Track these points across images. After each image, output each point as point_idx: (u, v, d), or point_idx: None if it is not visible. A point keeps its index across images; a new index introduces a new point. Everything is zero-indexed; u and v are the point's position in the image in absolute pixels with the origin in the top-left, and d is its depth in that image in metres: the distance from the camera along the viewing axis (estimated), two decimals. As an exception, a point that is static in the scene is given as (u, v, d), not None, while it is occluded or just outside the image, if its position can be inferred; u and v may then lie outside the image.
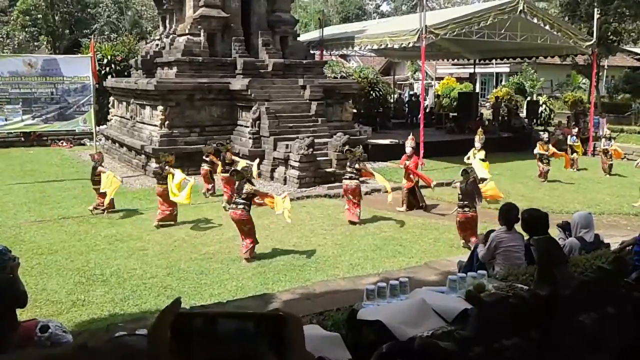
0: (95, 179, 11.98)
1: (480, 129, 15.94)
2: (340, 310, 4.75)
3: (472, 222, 9.51)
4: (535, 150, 16.39)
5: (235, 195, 9.42)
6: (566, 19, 25.43)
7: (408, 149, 12.98)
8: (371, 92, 25.85)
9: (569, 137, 19.17)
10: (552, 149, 16.61)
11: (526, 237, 5.64)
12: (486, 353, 1.27)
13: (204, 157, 13.85)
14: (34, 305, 7.03)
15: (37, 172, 16.86)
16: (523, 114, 28.69)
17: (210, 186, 13.76)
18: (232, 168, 11.23)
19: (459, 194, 9.72)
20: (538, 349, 1.34)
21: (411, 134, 14.58)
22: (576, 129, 19.63)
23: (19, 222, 11.36)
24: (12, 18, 37.91)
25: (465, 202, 9.44)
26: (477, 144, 14.77)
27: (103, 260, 9.10)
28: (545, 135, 17.20)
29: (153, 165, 15.32)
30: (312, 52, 21.88)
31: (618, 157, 17.31)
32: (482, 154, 14.63)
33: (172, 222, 11.15)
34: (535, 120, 27.93)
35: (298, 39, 20.80)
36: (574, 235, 6.30)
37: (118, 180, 11.93)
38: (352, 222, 11.38)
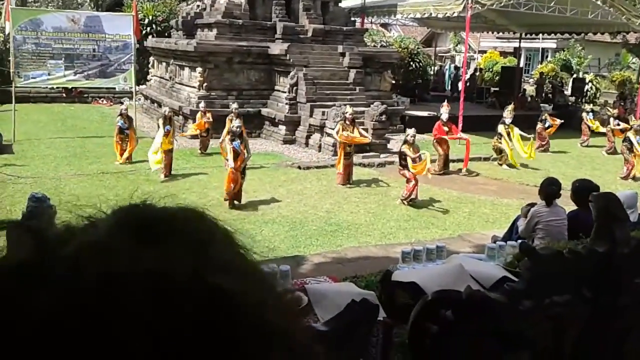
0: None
1: (512, 104, 15.70)
2: (373, 274, 4.72)
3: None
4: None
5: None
6: (620, -7, 24.31)
7: (445, 116, 13.45)
8: (411, 63, 25.40)
9: (584, 113, 18.69)
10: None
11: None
12: (536, 307, 1.21)
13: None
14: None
15: (78, 128, 17.20)
16: (568, 91, 27.84)
17: None
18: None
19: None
20: (591, 307, 1.28)
21: (445, 101, 14.68)
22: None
23: (59, 175, 11.63)
24: (57, -25, 38.27)
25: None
26: (508, 120, 14.44)
27: (139, 215, 9.26)
28: (549, 107, 17.02)
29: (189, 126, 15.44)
30: (353, 19, 21.51)
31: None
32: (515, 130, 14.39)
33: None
34: (580, 99, 27.08)
35: (339, 4, 20.46)
36: (618, 214, 6.11)
37: None
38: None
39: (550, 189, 5.86)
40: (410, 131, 10.84)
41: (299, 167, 13.20)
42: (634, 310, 1.26)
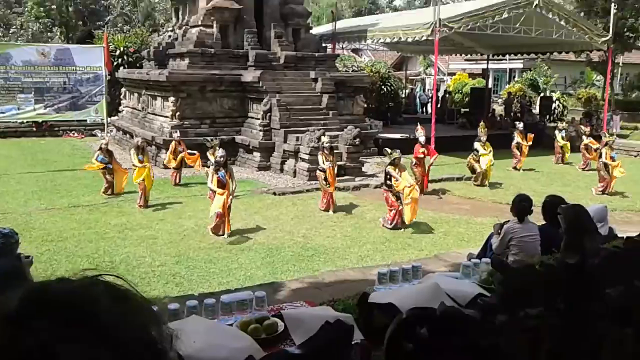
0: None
1: (482, 122, 16.02)
2: (350, 297, 4.68)
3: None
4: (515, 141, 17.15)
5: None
6: (582, 14, 25.12)
7: (422, 138, 13.46)
8: (382, 87, 25.72)
9: (556, 131, 19.31)
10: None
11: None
12: (510, 321, 1.21)
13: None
14: (43, 290, 7.03)
15: (49, 162, 16.91)
16: (536, 110, 28.45)
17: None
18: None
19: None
20: (563, 319, 1.28)
21: (418, 124, 14.84)
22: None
23: (29, 210, 11.39)
24: (26, 9, 38.08)
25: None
26: (483, 137, 14.71)
27: (112, 248, 9.10)
28: (521, 125, 17.91)
29: (163, 156, 15.30)
30: (324, 45, 21.78)
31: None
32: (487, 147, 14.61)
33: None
34: (548, 117, 27.68)
35: (310, 31, 20.71)
36: (589, 228, 6.21)
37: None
38: None
39: (521, 206, 5.94)
40: (396, 152, 10.77)
41: (274, 193, 13.16)
42: (606, 319, 1.26)
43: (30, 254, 8.22)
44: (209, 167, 12.92)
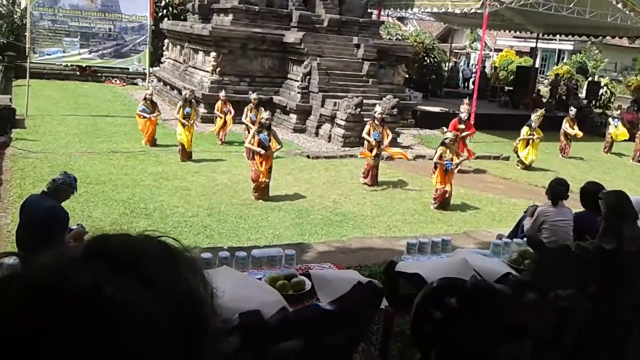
0: None
1: (541, 111, 15.14)
2: (376, 264, 4.73)
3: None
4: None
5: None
6: (641, -2, 24.00)
7: (464, 114, 13.05)
8: (426, 58, 25.25)
9: (610, 119, 18.68)
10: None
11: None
12: (540, 300, 1.22)
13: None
14: (79, 231, 7.27)
15: (90, 106, 17.26)
16: (582, 94, 27.62)
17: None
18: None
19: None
20: (593, 304, 1.28)
21: (467, 98, 14.33)
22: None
23: (69, 152, 11.70)
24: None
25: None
26: (534, 124, 14.16)
27: (148, 195, 9.32)
28: (573, 112, 17.12)
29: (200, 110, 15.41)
30: (369, 11, 21.39)
31: None
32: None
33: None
34: (594, 102, 26.85)
35: (357, -5, 20.34)
36: (625, 218, 6.10)
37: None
38: None
39: (557, 189, 5.83)
40: (449, 134, 10.44)
41: (308, 157, 13.21)
42: (637, 309, 1.26)
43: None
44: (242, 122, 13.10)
